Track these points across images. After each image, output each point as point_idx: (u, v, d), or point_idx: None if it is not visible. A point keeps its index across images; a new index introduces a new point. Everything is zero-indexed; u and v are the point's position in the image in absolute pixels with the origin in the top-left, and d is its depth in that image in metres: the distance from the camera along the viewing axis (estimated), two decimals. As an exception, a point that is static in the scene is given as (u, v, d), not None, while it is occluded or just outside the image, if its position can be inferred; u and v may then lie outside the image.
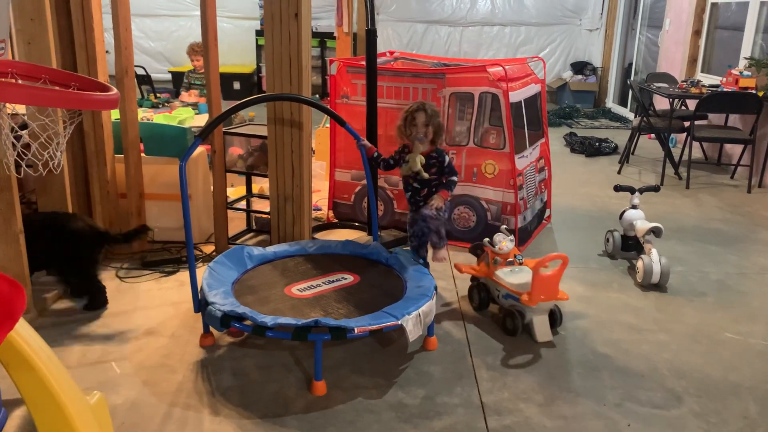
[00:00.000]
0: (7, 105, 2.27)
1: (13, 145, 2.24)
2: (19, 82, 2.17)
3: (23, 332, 1.45)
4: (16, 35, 2.96)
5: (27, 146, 2.52)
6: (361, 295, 2.72)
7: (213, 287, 2.64)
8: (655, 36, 8.38)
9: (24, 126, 2.67)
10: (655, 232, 3.60)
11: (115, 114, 3.66)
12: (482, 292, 3.08)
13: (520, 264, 3.02)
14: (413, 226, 3.13)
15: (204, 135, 2.81)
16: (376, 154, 3.17)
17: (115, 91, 2.08)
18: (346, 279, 2.86)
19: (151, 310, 3.06)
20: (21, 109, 2.98)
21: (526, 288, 2.80)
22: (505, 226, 3.20)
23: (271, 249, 3.10)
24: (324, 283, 2.80)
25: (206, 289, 2.62)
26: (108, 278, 3.38)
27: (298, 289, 2.74)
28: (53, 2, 3.16)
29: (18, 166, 2.53)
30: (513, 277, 2.93)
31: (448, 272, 3.54)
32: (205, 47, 3.46)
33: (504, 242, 3.01)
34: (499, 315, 3.05)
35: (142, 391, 2.42)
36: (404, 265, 2.95)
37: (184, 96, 5.86)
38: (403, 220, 4.11)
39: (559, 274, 2.79)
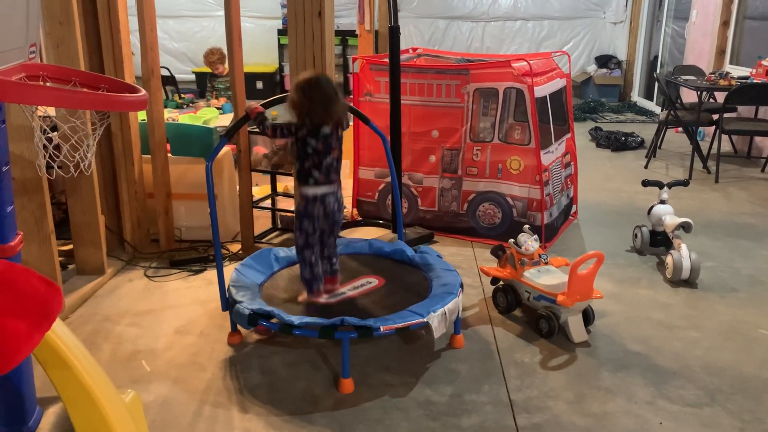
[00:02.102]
0: (39, 107, 2.30)
1: (45, 147, 2.28)
2: (49, 84, 2.20)
3: (59, 331, 1.48)
4: (45, 38, 3.01)
5: (57, 147, 2.56)
6: (386, 297, 2.71)
7: (240, 289, 2.66)
8: (681, 28, 8.24)
9: (54, 128, 2.72)
10: (685, 227, 3.55)
11: (141, 115, 3.70)
12: (509, 294, 3.03)
13: (546, 263, 2.99)
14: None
15: (230, 135, 2.83)
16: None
17: (143, 92, 2.10)
18: (371, 283, 2.84)
19: (180, 309, 3.09)
20: (51, 111, 3.04)
21: (561, 289, 2.77)
22: (527, 226, 3.16)
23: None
24: (349, 290, 2.79)
25: (233, 291, 2.65)
26: (136, 277, 3.43)
27: (323, 297, 2.74)
28: (81, 5, 3.21)
29: (49, 167, 2.57)
30: (544, 278, 2.88)
31: (474, 270, 3.53)
32: (230, 47, 3.48)
33: (529, 242, 2.98)
34: (525, 317, 3.03)
35: (172, 389, 2.45)
36: (429, 263, 2.94)
37: (214, 103, 5.90)
38: (428, 217, 4.11)
39: (593, 273, 2.76)
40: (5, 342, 1.23)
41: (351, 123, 4.00)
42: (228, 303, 2.68)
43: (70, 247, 3.42)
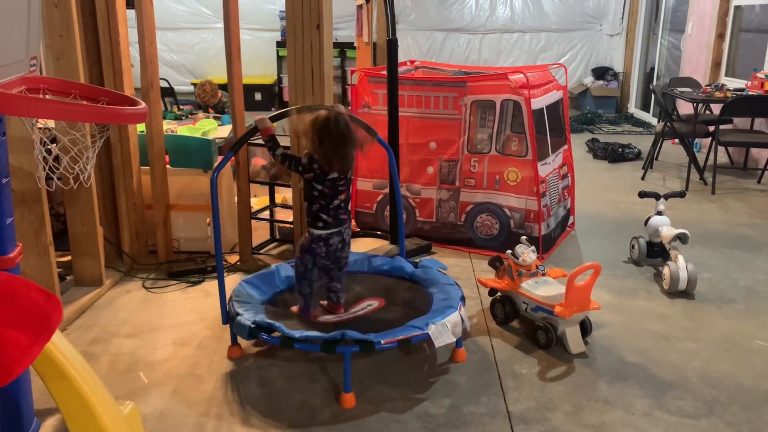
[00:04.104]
0: (39, 120, 2.31)
1: (44, 159, 2.29)
2: (48, 97, 2.21)
3: (59, 343, 1.48)
4: (45, 51, 3.03)
5: (56, 159, 2.57)
6: (387, 315, 2.71)
7: (243, 305, 2.66)
8: (677, 40, 8.29)
9: (54, 140, 2.73)
10: (682, 238, 3.56)
11: (140, 126, 3.72)
12: (507, 306, 3.03)
13: (543, 275, 3.00)
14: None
15: (237, 148, 2.83)
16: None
17: (143, 105, 2.11)
18: (371, 305, 2.82)
19: (178, 320, 3.09)
20: (51, 123, 3.05)
21: (558, 300, 2.77)
22: (525, 237, 3.16)
23: None
24: (350, 314, 2.77)
25: (235, 305, 2.64)
26: (134, 289, 3.43)
27: (324, 319, 2.74)
28: (81, 18, 3.23)
29: (49, 179, 2.58)
30: (542, 289, 2.89)
31: (472, 281, 3.53)
32: (229, 59, 3.50)
33: (527, 253, 2.99)
34: (523, 328, 3.03)
35: (170, 401, 2.44)
36: (429, 277, 2.94)
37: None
38: (426, 228, 4.12)
39: (591, 284, 2.76)
40: (5, 354, 1.23)
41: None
42: (228, 316, 2.67)
43: (69, 258, 3.42)
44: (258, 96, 9.62)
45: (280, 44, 9.68)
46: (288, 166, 2.59)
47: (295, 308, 2.76)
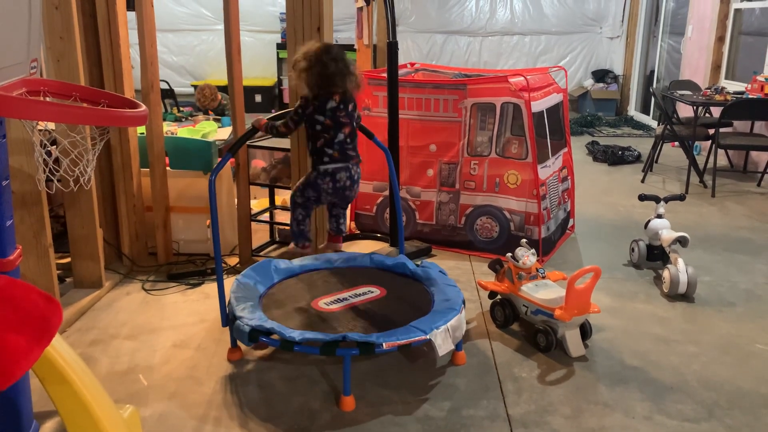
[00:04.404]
0: (39, 122, 2.32)
1: (44, 161, 2.29)
2: (48, 99, 2.21)
3: (58, 346, 1.48)
4: (45, 53, 3.03)
5: (56, 161, 2.57)
6: (388, 309, 2.72)
7: (241, 301, 2.66)
8: (677, 43, 8.30)
9: (54, 142, 2.73)
10: (681, 241, 3.56)
11: (140, 128, 3.72)
12: (507, 309, 3.03)
13: (543, 278, 3.00)
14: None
15: (235, 149, 2.84)
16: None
17: (143, 107, 2.11)
18: (372, 292, 2.85)
19: (177, 322, 3.09)
20: (51, 125, 3.05)
21: (558, 303, 2.77)
22: (525, 240, 3.17)
23: (296, 262, 3.11)
24: (351, 297, 2.80)
25: (234, 303, 2.64)
26: (134, 291, 3.43)
27: (325, 303, 2.75)
28: (81, 21, 3.23)
29: (49, 181, 2.58)
30: (542, 292, 2.89)
31: (472, 283, 3.53)
32: (229, 61, 3.50)
33: (527, 256, 2.98)
34: (523, 331, 3.03)
35: (169, 404, 2.44)
36: (431, 277, 2.95)
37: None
38: (426, 231, 4.12)
39: (591, 287, 2.76)
40: (5, 357, 1.23)
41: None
42: (228, 318, 2.67)
43: (68, 260, 3.42)
44: (258, 98, 9.63)
45: (280, 46, 9.69)
46: (294, 123, 2.60)
47: (290, 246, 2.74)
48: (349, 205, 2.80)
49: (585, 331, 2.87)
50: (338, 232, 2.77)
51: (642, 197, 3.88)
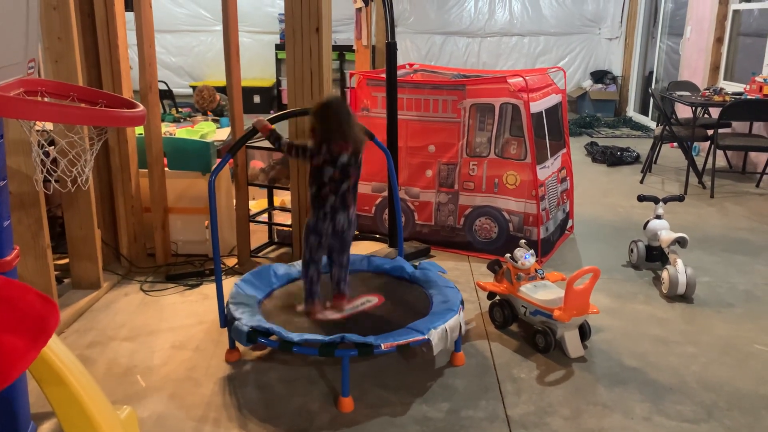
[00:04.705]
0: (37, 122, 2.31)
1: (42, 161, 2.28)
2: (47, 100, 2.20)
3: (55, 347, 1.47)
4: (43, 53, 3.02)
5: (54, 162, 2.56)
6: (386, 315, 2.70)
7: (240, 306, 2.65)
8: (675, 44, 8.31)
9: (52, 142, 2.72)
10: (681, 242, 3.56)
11: (139, 129, 3.71)
12: (506, 309, 3.02)
13: (542, 278, 2.99)
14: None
15: (235, 150, 2.83)
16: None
17: (141, 107, 2.11)
18: (371, 301, 2.82)
19: (176, 324, 3.08)
20: (49, 126, 3.04)
21: (557, 304, 2.77)
22: (524, 240, 3.16)
23: (296, 266, 3.09)
24: (348, 310, 2.77)
25: (232, 309, 2.64)
26: (132, 292, 3.42)
27: (323, 315, 2.73)
28: (79, 21, 3.22)
29: (46, 181, 2.57)
30: (541, 293, 2.88)
31: (471, 284, 3.53)
32: (227, 62, 3.50)
33: (526, 257, 2.98)
34: (522, 332, 3.03)
35: (168, 405, 2.43)
36: (429, 279, 2.94)
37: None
38: (425, 232, 4.11)
39: (590, 288, 2.76)
40: (1, 358, 1.22)
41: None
42: (226, 320, 2.67)
43: (66, 261, 3.41)
44: (257, 99, 9.62)
45: (279, 47, 9.68)
46: (296, 155, 2.62)
47: (300, 307, 2.75)
48: (349, 264, 2.82)
49: (584, 331, 2.87)
50: (341, 292, 2.79)
51: (641, 198, 3.88)
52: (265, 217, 4.11)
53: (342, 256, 2.77)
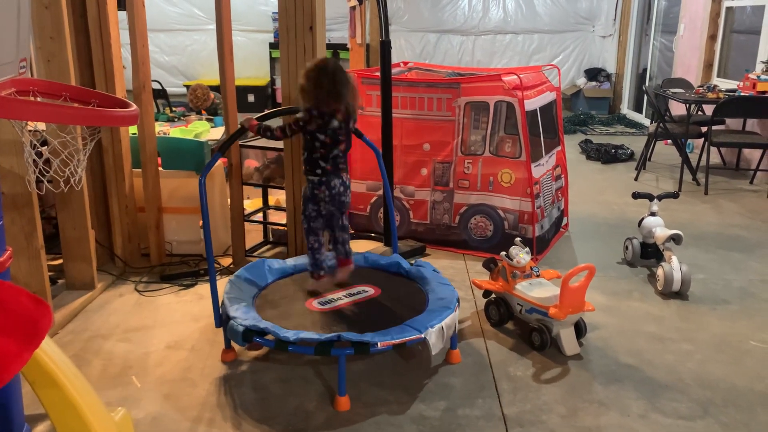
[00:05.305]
0: (29, 122, 2.29)
1: (35, 162, 2.27)
2: (39, 99, 2.19)
3: (48, 350, 1.46)
4: (35, 53, 3.00)
5: (47, 162, 2.55)
6: (382, 309, 2.71)
7: (234, 302, 2.64)
8: (669, 41, 8.32)
9: (44, 142, 2.71)
10: (675, 239, 3.57)
11: (132, 129, 3.69)
12: (501, 307, 3.02)
13: (538, 276, 2.99)
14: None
15: (224, 149, 2.83)
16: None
17: (134, 107, 2.10)
18: (367, 292, 2.84)
19: (171, 324, 3.07)
20: (41, 125, 3.02)
21: (553, 301, 2.77)
22: (519, 238, 3.16)
23: (290, 262, 3.10)
24: (345, 297, 2.79)
25: (227, 304, 2.63)
26: (127, 292, 3.40)
27: (319, 303, 2.74)
28: (72, 20, 3.20)
29: (39, 182, 2.56)
30: (536, 290, 2.88)
31: (467, 282, 3.53)
32: (221, 61, 3.48)
33: (521, 255, 2.98)
34: (517, 330, 3.03)
35: (163, 406, 2.42)
36: (425, 276, 2.94)
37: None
38: (420, 230, 4.11)
39: (585, 286, 2.76)
40: (-6, 361, 1.21)
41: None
42: (221, 319, 2.65)
43: (60, 261, 3.39)
44: (251, 97, 9.60)
45: (273, 46, 9.66)
46: (292, 132, 2.65)
47: (310, 283, 2.82)
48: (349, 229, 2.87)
49: (580, 329, 2.87)
50: (346, 255, 2.82)
51: (635, 195, 3.88)
52: (260, 216, 4.10)
53: (341, 218, 2.82)
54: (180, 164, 3.76)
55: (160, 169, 3.71)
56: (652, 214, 3.78)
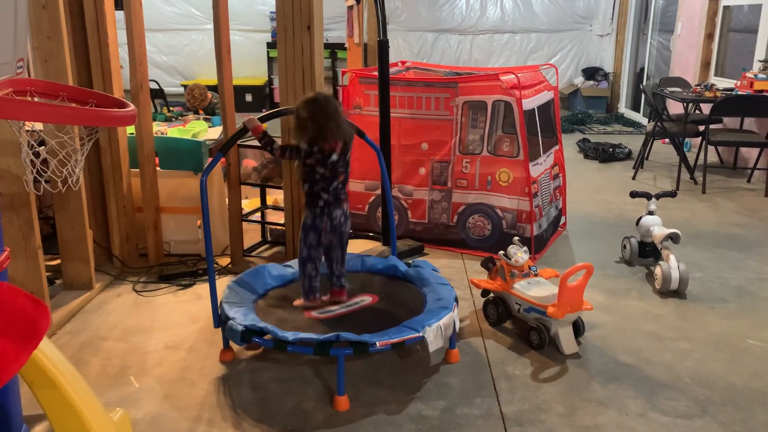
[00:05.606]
0: (26, 122, 2.29)
1: (32, 162, 2.26)
2: (36, 99, 2.19)
3: (46, 350, 1.46)
4: (33, 53, 2.99)
5: (45, 162, 2.55)
6: (380, 314, 2.70)
7: (233, 306, 2.64)
8: (666, 40, 8.33)
9: (42, 142, 2.70)
10: (673, 238, 3.57)
11: (130, 129, 3.69)
12: (500, 306, 3.02)
13: (536, 275, 2.99)
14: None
15: (226, 149, 2.82)
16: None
17: (132, 107, 2.09)
18: (364, 300, 2.83)
19: (169, 324, 3.06)
20: (39, 126, 3.02)
21: (551, 300, 2.77)
22: (517, 237, 3.16)
23: (290, 269, 3.07)
24: (342, 308, 2.77)
25: (226, 308, 2.62)
26: (125, 292, 3.40)
27: (317, 312, 2.73)
28: (69, 20, 3.20)
29: (37, 182, 2.55)
30: (534, 289, 2.88)
31: (465, 282, 3.53)
32: (219, 60, 3.48)
33: (519, 254, 2.98)
34: (516, 329, 3.03)
35: (162, 406, 2.42)
36: (423, 277, 2.94)
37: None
38: (418, 229, 4.11)
39: (583, 285, 2.76)
40: (-8, 361, 1.21)
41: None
42: (220, 319, 2.65)
43: (58, 262, 3.39)
44: (249, 97, 9.59)
45: (270, 45, 9.65)
46: (289, 157, 2.64)
47: (298, 301, 2.78)
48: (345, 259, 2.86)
49: (578, 328, 2.87)
50: (341, 286, 2.81)
51: (633, 194, 3.89)
52: (258, 216, 4.10)
53: (340, 251, 2.80)
54: (178, 164, 3.75)
55: (157, 169, 3.70)
56: (650, 212, 3.78)
